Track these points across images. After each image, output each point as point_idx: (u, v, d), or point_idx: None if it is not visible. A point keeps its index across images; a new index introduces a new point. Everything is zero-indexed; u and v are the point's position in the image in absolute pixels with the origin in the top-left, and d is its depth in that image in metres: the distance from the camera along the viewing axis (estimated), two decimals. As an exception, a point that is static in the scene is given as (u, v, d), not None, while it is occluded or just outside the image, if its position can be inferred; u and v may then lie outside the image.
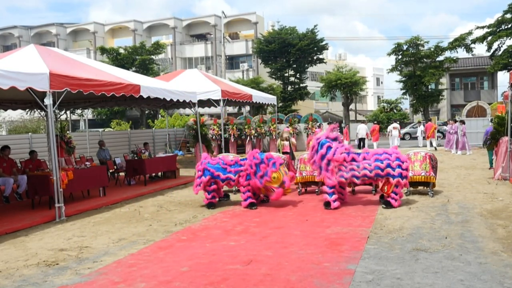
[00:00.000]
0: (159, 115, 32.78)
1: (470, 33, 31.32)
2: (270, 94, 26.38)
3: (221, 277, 4.99)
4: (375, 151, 8.84)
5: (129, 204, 10.11)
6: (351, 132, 28.06)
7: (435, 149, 22.74)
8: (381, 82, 70.15)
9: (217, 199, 9.55)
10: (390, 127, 25.87)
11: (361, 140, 25.75)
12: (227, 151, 20.85)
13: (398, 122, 28.83)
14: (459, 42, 31.38)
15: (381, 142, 26.42)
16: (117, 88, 10.02)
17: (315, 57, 35.14)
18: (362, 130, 25.68)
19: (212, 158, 9.65)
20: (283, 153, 11.71)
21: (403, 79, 33.55)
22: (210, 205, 9.24)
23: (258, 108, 29.12)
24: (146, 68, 34.16)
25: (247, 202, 9.03)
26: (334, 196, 8.58)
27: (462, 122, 21.14)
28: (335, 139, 8.78)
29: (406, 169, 8.53)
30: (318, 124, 24.56)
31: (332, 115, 47.06)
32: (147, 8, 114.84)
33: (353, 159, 8.58)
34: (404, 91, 34.65)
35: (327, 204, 8.62)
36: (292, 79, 35.33)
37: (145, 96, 10.97)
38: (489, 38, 30.80)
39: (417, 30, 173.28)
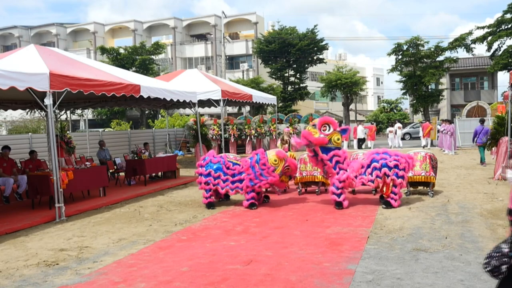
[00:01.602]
0: (159, 115, 32.76)
1: (470, 33, 31.30)
2: (270, 94, 26.37)
3: (221, 277, 4.99)
4: (374, 151, 8.85)
5: (129, 204, 10.11)
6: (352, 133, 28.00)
7: (423, 147, 23.09)
8: (381, 82, 70.10)
9: (215, 199, 9.58)
10: (395, 127, 26.09)
11: (360, 140, 25.99)
12: (227, 151, 20.86)
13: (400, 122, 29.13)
14: (459, 42, 31.35)
15: (379, 142, 26.50)
16: (117, 88, 10.02)
17: (315, 57, 35.09)
18: (359, 131, 25.98)
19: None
20: None
21: (403, 79, 33.51)
22: (210, 205, 9.24)
23: (258, 108, 29.13)
24: (146, 68, 34.13)
25: (248, 202, 9.02)
26: (343, 196, 8.59)
27: (447, 121, 21.69)
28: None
29: (404, 170, 8.53)
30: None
31: (332, 115, 47.01)
32: (146, 7, 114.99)
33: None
34: (404, 91, 34.61)
35: (339, 204, 8.56)
36: (292, 79, 35.29)
37: (145, 96, 10.97)
38: (489, 38, 30.76)
39: (417, 30, 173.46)
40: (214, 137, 22.45)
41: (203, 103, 16.57)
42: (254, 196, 9.04)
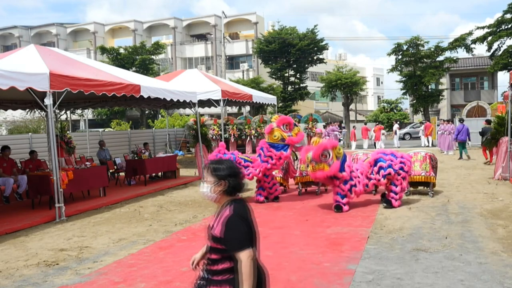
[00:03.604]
0: (159, 115, 32.76)
1: (470, 33, 31.27)
2: (270, 94, 26.38)
3: (221, 277, 4.98)
4: (382, 151, 8.84)
5: (129, 204, 10.11)
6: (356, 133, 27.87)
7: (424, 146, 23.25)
8: (381, 82, 70.05)
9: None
10: (394, 127, 26.18)
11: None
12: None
13: (399, 122, 29.14)
14: (459, 42, 31.32)
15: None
16: (118, 88, 10.01)
17: (315, 57, 35.08)
18: (371, 133, 26.15)
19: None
20: None
21: (403, 79, 33.50)
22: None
23: (258, 108, 29.11)
24: (146, 68, 34.11)
25: (277, 193, 9.72)
26: (346, 199, 8.45)
27: (445, 121, 21.84)
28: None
29: (407, 171, 8.55)
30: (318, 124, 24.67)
31: (332, 115, 47.00)
32: (145, 7, 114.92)
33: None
34: (404, 91, 34.59)
35: (338, 208, 8.37)
36: (292, 79, 35.28)
37: (145, 96, 10.96)
38: (489, 38, 30.74)
39: (417, 30, 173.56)
40: (214, 137, 22.45)
41: (203, 103, 16.56)
42: (278, 192, 9.78)
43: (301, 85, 35.35)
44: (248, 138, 23.23)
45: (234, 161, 9.16)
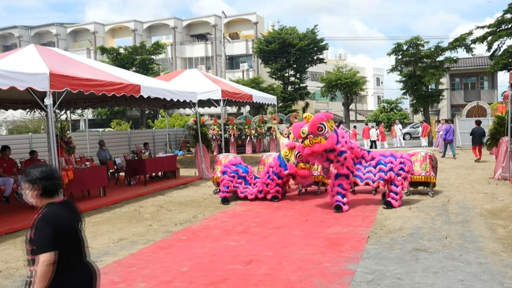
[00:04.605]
0: (159, 115, 32.76)
1: (470, 33, 31.24)
2: (270, 94, 26.38)
3: (221, 277, 4.99)
4: (381, 153, 8.83)
5: (129, 204, 10.10)
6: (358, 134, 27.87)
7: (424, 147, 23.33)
8: (381, 82, 70.06)
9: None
10: (396, 128, 26.22)
11: (373, 142, 26.19)
12: (227, 151, 20.85)
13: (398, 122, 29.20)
14: (459, 42, 31.28)
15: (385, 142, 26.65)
16: (118, 88, 10.01)
17: (315, 57, 35.07)
18: (372, 132, 26.27)
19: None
20: None
21: (403, 79, 33.48)
22: (225, 200, 9.74)
23: (258, 108, 29.12)
24: (146, 68, 34.09)
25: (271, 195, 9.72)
26: (346, 199, 8.45)
27: (446, 121, 21.87)
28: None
29: (408, 172, 8.55)
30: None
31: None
32: (145, 7, 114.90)
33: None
34: (404, 91, 34.58)
35: (338, 208, 8.33)
36: (292, 79, 35.28)
37: (145, 96, 10.96)
38: (489, 38, 30.72)
39: (417, 30, 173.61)
40: (214, 137, 22.43)
41: (203, 103, 16.56)
42: (279, 190, 9.69)
43: (301, 85, 35.34)
44: (248, 138, 23.22)
45: (246, 173, 9.56)
